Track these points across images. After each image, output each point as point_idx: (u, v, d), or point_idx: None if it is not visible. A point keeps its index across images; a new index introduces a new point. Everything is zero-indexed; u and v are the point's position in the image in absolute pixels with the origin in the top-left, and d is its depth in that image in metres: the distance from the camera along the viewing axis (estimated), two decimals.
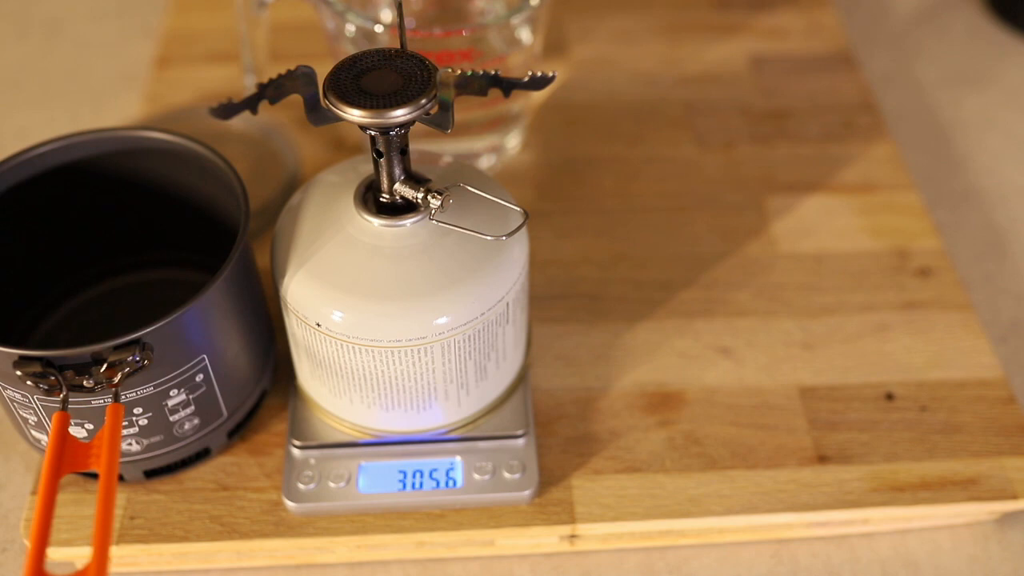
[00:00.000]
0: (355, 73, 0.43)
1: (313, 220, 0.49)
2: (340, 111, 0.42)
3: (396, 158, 0.45)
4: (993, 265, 0.68)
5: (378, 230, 0.47)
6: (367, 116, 0.42)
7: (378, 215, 0.47)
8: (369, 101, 0.42)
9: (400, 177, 0.46)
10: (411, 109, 0.42)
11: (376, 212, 0.47)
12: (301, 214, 0.49)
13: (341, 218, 0.48)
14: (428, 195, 0.45)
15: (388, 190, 0.46)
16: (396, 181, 0.46)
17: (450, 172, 0.50)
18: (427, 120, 0.44)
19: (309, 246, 0.48)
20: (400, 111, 0.42)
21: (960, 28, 0.87)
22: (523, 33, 0.63)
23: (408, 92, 0.42)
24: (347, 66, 0.44)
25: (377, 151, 0.45)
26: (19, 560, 0.54)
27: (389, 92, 0.42)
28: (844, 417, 0.56)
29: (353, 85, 0.43)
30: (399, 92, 0.42)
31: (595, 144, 0.72)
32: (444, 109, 0.43)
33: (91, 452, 0.43)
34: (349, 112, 0.42)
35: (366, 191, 0.48)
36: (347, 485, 0.52)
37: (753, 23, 0.82)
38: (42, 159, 0.53)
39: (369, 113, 0.42)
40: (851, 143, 0.72)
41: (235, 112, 0.43)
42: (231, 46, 0.78)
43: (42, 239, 0.56)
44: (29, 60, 0.84)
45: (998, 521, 0.55)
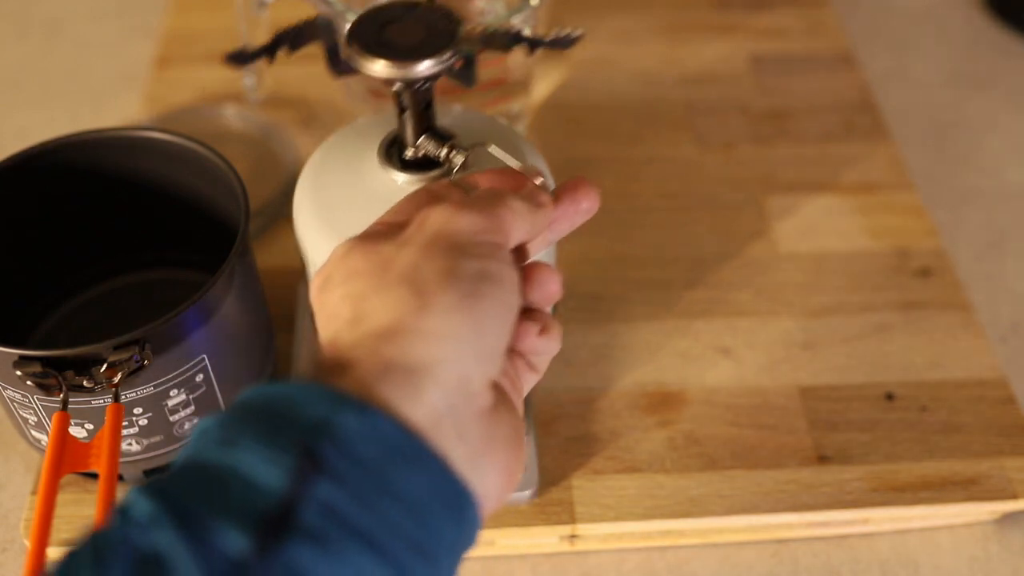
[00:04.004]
0: (379, 24, 0.42)
1: (336, 173, 0.47)
2: (363, 63, 0.41)
3: (420, 113, 0.44)
4: (993, 265, 0.68)
5: (401, 185, 0.46)
6: (390, 69, 0.40)
7: (402, 170, 0.46)
8: (392, 53, 0.40)
9: (423, 132, 0.45)
10: (435, 63, 0.40)
11: (400, 167, 0.46)
12: (324, 167, 0.48)
13: (364, 172, 0.47)
14: (451, 152, 0.44)
15: (412, 145, 0.45)
16: (419, 136, 0.45)
17: (483, 130, 0.48)
18: (451, 75, 0.42)
19: (331, 198, 0.47)
20: (423, 64, 0.40)
21: (960, 28, 0.87)
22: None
23: (432, 45, 0.40)
24: (371, 17, 0.42)
25: (401, 105, 0.44)
26: (19, 560, 0.54)
27: (413, 45, 0.41)
28: (844, 417, 0.56)
29: (376, 36, 0.41)
30: (423, 45, 0.41)
31: (595, 144, 0.72)
32: (468, 64, 0.42)
33: (91, 452, 0.43)
34: (372, 64, 0.40)
35: (390, 145, 0.47)
36: None
37: (753, 23, 0.82)
38: (42, 159, 0.53)
39: (392, 65, 0.40)
40: (851, 143, 0.72)
41: (250, 60, 0.41)
42: (231, 46, 0.78)
43: (42, 239, 0.56)
44: (29, 60, 0.84)
45: (998, 521, 0.55)
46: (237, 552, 0.26)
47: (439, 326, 0.31)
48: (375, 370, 0.30)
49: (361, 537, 0.27)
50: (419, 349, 0.30)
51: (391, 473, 0.28)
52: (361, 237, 0.35)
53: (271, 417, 0.29)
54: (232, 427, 0.29)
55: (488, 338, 0.32)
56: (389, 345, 0.30)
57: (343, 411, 0.28)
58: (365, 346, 0.31)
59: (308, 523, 0.26)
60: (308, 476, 0.27)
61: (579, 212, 0.38)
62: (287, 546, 0.26)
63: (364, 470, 0.28)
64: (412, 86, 0.42)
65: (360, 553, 0.27)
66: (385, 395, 0.29)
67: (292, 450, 0.27)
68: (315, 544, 0.26)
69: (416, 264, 0.32)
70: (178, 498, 0.27)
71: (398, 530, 0.28)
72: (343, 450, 0.28)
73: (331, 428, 0.28)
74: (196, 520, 0.26)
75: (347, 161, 0.48)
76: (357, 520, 0.27)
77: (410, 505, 0.28)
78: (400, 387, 0.30)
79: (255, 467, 0.27)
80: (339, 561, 0.26)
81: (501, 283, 0.32)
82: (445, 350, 0.30)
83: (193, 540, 0.26)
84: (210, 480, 0.27)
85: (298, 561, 0.26)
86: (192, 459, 0.29)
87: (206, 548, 0.26)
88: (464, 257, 0.32)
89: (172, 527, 0.26)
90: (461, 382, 0.31)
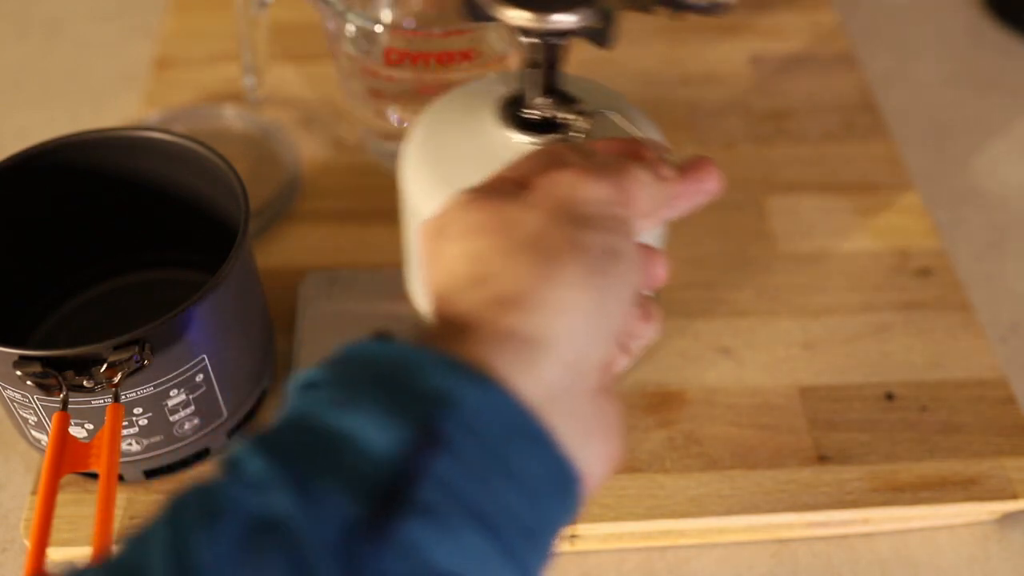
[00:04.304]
0: None
1: (450, 129, 0.47)
2: (503, 11, 0.39)
3: (548, 71, 0.43)
4: (993, 265, 0.68)
5: (516, 145, 0.45)
6: (529, 19, 0.39)
7: (519, 129, 0.45)
8: (534, 3, 0.39)
9: (548, 92, 0.44)
10: (576, 16, 0.39)
11: (518, 126, 0.45)
12: (438, 122, 0.47)
13: (479, 129, 0.46)
14: (574, 116, 0.43)
15: (534, 104, 0.44)
16: (544, 96, 0.44)
17: (598, 99, 0.47)
18: (588, 32, 0.41)
19: (443, 152, 0.46)
20: (565, 16, 0.39)
21: (960, 28, 0.87)
22: None
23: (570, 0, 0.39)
24: None
25: (531, 60, 0.42)
26: (19, 560, 0.54)
27: None
28: (844, 417, 0.56)
29: None
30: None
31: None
32: (606, 22, 0.40)
33: (91, 452, 0.43)
34: (510, 12, 0.39)
35: (508, 105, 0.46)
36: None
37: (753, 23, 0.82)
38: (42, 159, 0.53)
39: (532, 16, 0.39)
40: (851, 143, 0.72)
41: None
42: (231, 46, 0.78)
43: (42, 239, 0.56)
44: (29, 60, 0.84)
45: (998, 521, 0.55)
46: (352, 522, 0.25)
47: (564, 300, 0.29)
48: (494, 338, 0.29)
49: (475, 517, 0.26)
50: (541, 321, 0.29)
51: (508, 452, 0.27)
52: (480, 191, 0.34)
53: (387, 381, 0.28)
54: (345, 387, 0.28)
55: (609, 317, 0.30)
56: (511, 313, 0.29)
57: (464, 383, 0.27)
58: (485, 311, 0.30)
59: (425, 499, 0.26)
60: (426, 450, 0.26)
61: (701, 191, 0.37)
62: (402, 521, 0.25)
63: (482, 447, 0.27)
64: (547, 39, 0.41)
65: (474, 533, 0.26)
66: (503, 366, 0.28)
67: (410, 420, 0.26)
68: (430, 520, 0.25)
69: (543, 230, 0.31)
70: (293, 460, 0.26)
71: (511, 511, 0.27)
72: (462, 425, 0.27)
73: (451, 400, 0.27)
74: (311, 485, 0.25)
75: (462, 118, 0.46)
76: (472, 499, 0.26)
77: (523, 486, 0.27)
78: (518, 359, 0.29)
79: (372, 435, 0.26)
80: (453, 540, 0.26)
81: (626, 261, 0.31)
82: (567, 325, 0.29)
83: (309, 506, 0.25)
84: (325, 443, 0.26)
85: (413, 537, 0.25)
86: (302, 417, 0.28)
87: (322, 516, 0.25)
88: (591, 229, 0.31)
89: (287, 491, 0.25)
90: (578, 360, 0.30)
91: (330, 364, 0.30)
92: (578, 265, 0.30)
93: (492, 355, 0.28)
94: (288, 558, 0.24)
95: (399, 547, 0.25)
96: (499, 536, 0.27)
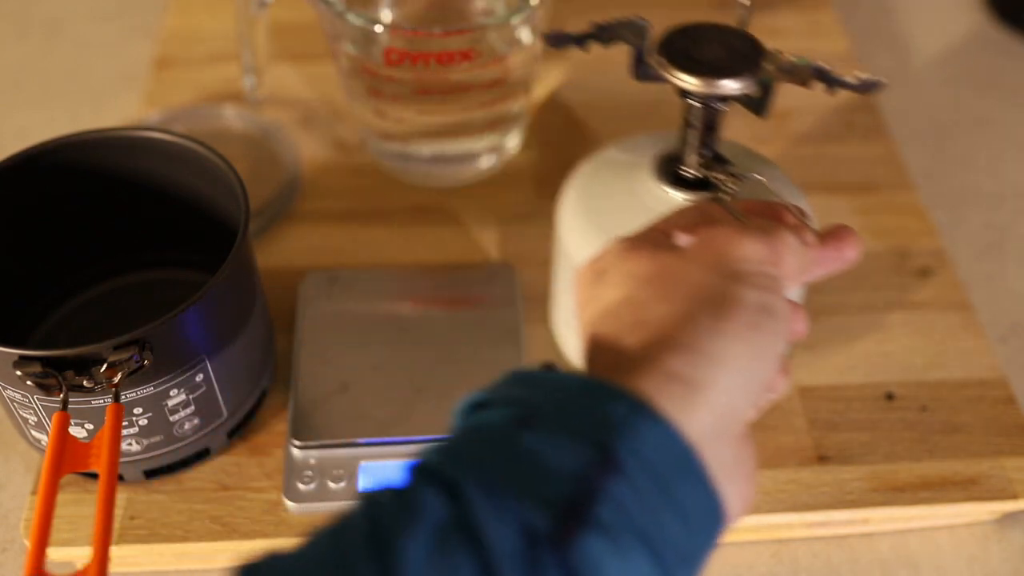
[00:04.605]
0: (686, 41, 0.43)
1: (607, 180, 0.49)
2: (669, 74, 0.42)
3: (706, 133, 0.45)
4: (993, 265, 0.68)
5: (670, 199, 0.47)
6: (695, 83, 0.42)
7: (673, 185, 0.47)
8: (699, 68, 0.42)
9: (705, 153, 0.46)
10: (739, 83, 0.42)
11: (672, 182, 0.47)
12: (596, 173, 0.50)
13: (635, 182, 0.49)
14: (727, 177, 0.45)
15: (690, 163, 0.47)
16: (700, 156, 0.46)
17: (748, 162, 0.50)
18: (747, 100, 0.44)
19: (600, 203, 0.48)
20: (728, 82, 0.42)
21: (960, 28, 0.87)
22: (523, 33, 0.63)
23: (737, 67, 0.42)
24: (680, 32, 0.44)
25: (690, 122, 0.45)
26: (19, 560, 0.54)
27: (718, 63, 0.42)
28: (844, 417, 0.56)
29: (683, 52, 0.43)
30: (728, 65, 0.42)
31: (595, 144, 0.72)
32: (764, 92, 0.43)
33: (91, 452, 0.43)
34: (677, 76, 0.42)
35: (665, 162, 0.48)
36: (347, 485, 0.52)
37: (753, 23, 0.82)
38: (42, 159, 0.53)
39: (698, 80, 0.42)
40: (851, 143, 0.72)
41: (566, 42, 0.43)
42: (231, 46, 0.78)
43: (42, 239, 0.56)
44: (29, 60, 0.84)
45: (998, 521, 0.55)
46: (536, 532, 0.27)
47: (723, 351, 0.31)
48: (658, 378, 0.31)
49: (643, 539, 0.28)
50: (702, 368, 0.31)
51: (672, 483, 0.29)
52: (637, 240, 0.36)
53: (569, 406, 0.30)
54: (526, 409, 0.30)
55: (760, 371, 0.32)
56: (674, 357, 0.31)
57: (637, 415, 0.30)
58: (647, 352, 0.32)
59: (603, 518, 0.28)
60: (604, 472, 0.28)
61: (841, 259, 0.39)
62: (582, 535, 0.27)
63: (651, 476, 0.29)
64: (709, 103, 0.44)
65: (641, 556, 0.28)
66: (666, 405, 0.30)
67: (590, 444, 0.29)
68: (607, 539, 0.27)
69: (704, 283, 0.33)
70: (482, 471, 0.28)
71: (672, 538, 0.29)
72: (635, 453, 0.29)
73: (627, 430, 0.29)
74: (499, 495, 0.28)
75: (619, 170, 0.50)
76: (642, 523, 0.28)
77: (683, 516, 0.29)
78: (680, 400, 0.31)
79: (556, 453, 0.28)
80: (624, 560, 0.28)
81: (778, 317, 0.33)
82: (723, 375, 0.31)
83: (497, 514, 0.27)
84: (512, 458, 0.29)
85: (592, 552, 0.27)
86: (486, 432, 0.30)
87: (508, 524, 0.27)
88: (748, 285, 0.33)
89: (478, 499, 0.27)
90: (729, 408, 0.32)
91: (504, 387, 0.33)
92: (737, 320, 0.32)
93: (656, 393, 0.31)
94: (476, 560, 0.27)
95: (578, 559, 0.27)
96: (661, 560, 0.29)
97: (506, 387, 0.32)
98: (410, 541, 0.27)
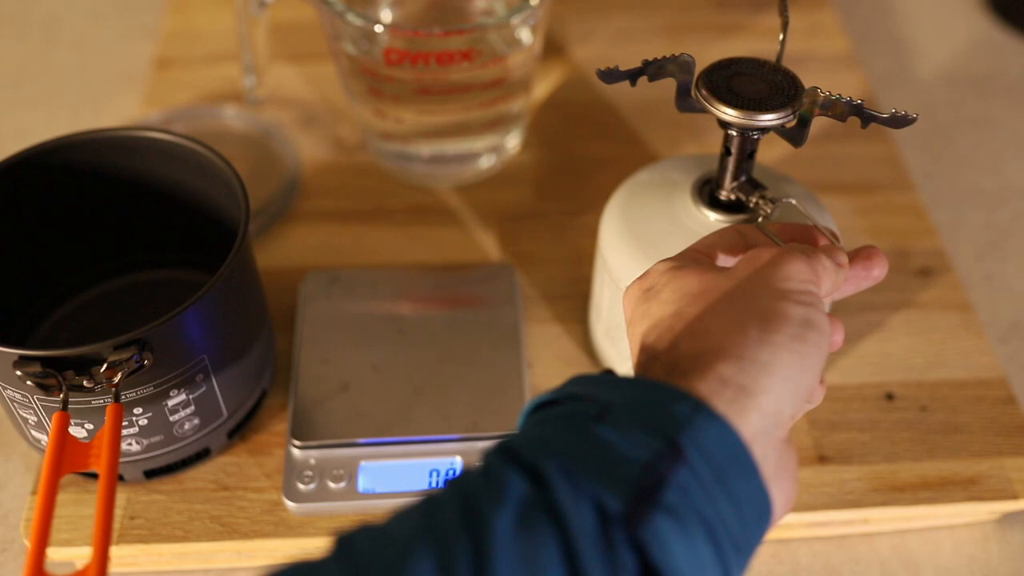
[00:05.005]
0: (728, 75, 0.46)
1: (647, 202, 0.52)
2: (712, 106, 0.45)
3: (743, 160, 0.48)
4: (993, 265, 0.68)
5: (711, 223, 0.50)
6: (736, 115, 0.44)
7: (711, 208, 0.50)
8: (740, 102, 0.45)
9: (741, 178, 0.49)
10: (777, 116, 0.45)
11: (709, 205, 0.50)
12: (636, 194, 0.53)
13: (675, 204, 0.51)
14: (761, 200, 0.48)
15: (727, 188, 0.49)
16: (736, 181, 0.49)
17: (784, 186, 0.52)
18: (782, 131, 0.46)
19: (641, 224, 0.52)
20: (767, 116, 0.44)
21: (960, 28, 0.87)
22: (523, 33, 0.63)
23: (775, 101, 0.45)
24: (722, 67, 0.47)
25: (728, 149, 0.48)
26: (19, 560, 0.54)
27: (757, 97, 0.45)
28: (844, 417, 0.56)
29: (725, 85, 0.46)
30: (767, 99, 0.45)
31: (595, 144, 0.72)
32: (802, 125, 0.46)
33: (91, 452, 0.43)
34: (720, 108, 0.45)
35: (702, 185, 0.51)
36: (347, 485, 0.52)
37: (753, 23, 0.82)
38: (42, 159, 0.53)
39: (739, 113, 0.44)
40: (851, 143, 0.72)
41: (618, 79, 0.46)
42: (231, 46, 0.78)
43: (42, 239, 0.56)
44: (29, 60, 0.84)
45: (998, 521, 0.55)
46: (611, 512, 0.30)
47: (771, 360, 0.34)
48: (711, 384, 0.34)
49: (704, 525, 0.31)
50: (751, 376, 0.34)
51: (728, 475, 0.32)
52: (683, 261, 0.40)
53: (638, 404, 0.33)
54: (600, 405, 0.34)
55: (804, 378, 0.35)
56: (725, 365, 0.34)
57: (699, 414, 0.33)
58: (703, 360, 0.35)
59: (670, 501, 0.31)
60: (671, 462, 0.31)
61: (868, 278, 0.42)
62: (653, 516, 0.30)
63: (711, 468, 0.32)
64: (746, 134, 0.46)
65: (703, 541, 0.31)
66: (719, 406, 0.33)
67: (659, 436, 0.32)
68: (674, 520, 0.31)
69: (751, 299, 0.36)
70: (561, 457, 0.31)
71: (728, 526, 0.32)
72: (699, 447, 0.32)
73: (690, 426, 0.32)
74: (578, 479, 0.31)
75: (659, 192, 0.52)
76: (703, 509, 0.31)
77: (738, 507, 0.32)
78: (731, 404, 0.34)
79: (628, 444, 0.32)
80: (688, 541, 0.31)
81: (819, 330, 0.36)
82: (771, 382, 0.34)
83: (576, 495, 0.30)
84: (588, 447, 0.32)
85: (661, 531, 0.30)
86: (564, 423, 0.34)
87: (586, 504, 0.30)
88: (792, 302, 0.36)
89: (558, 482, 0.31)
90: (776, 412, 0.34)
91: (570, 387, 0.36)
92: (785, 332, 0.35)
93: (711, 396, 0.34)
94: (558, 535, 0.30)
95: (648, 537, 0.30)
96: (719, 545, 0.32)
97: (572, 388, 0.36)
98: (498, 517, 0.30)
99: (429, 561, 0.29)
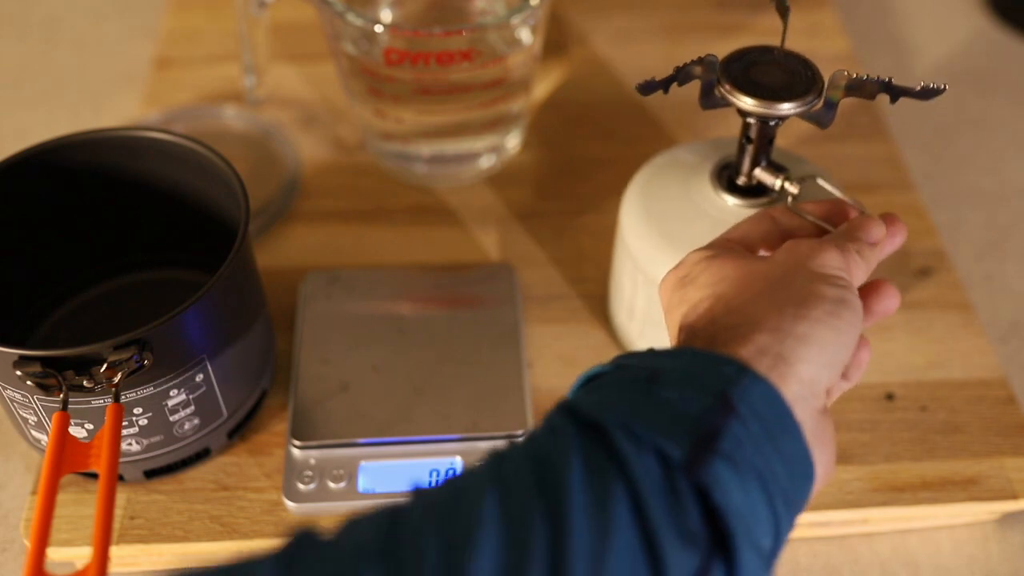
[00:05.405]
0: (744, 65, 0.47)
1: (666, 189, 0.53)
2: (734, 98, 0.46)
3: (764, 146, 0.49)
4: (993, 265, 0.68)
5: (731, 208, 0.51)
6: (758, 106, 0.45)
7: (731, 193, 0.51)
8: (763, 92, 0.45)
9: (762, 163, 0.49)
10: (798, 104, 0.45)
11: (730, 191, 0.51)
12: (653, 181, 0.54)
13: (694, 191, 0.52)
14: (785, 183, 0.48)
15: (747, 174, 0.50)
16: (758, 166, 0.49)
17: (802, 167, 0.53)
18: (808, 115, 0.47)
19: (662, 211, 0.52)
20: (788, 105, 0.45)
21: (960, 28, 0.87)
22: (523, 33, 0.63)
23: (795, 88, 0.46)
24: (736, 58, 0.47)
25: (748, 137, 0.48)
26: (19, 560, 0.54)
27: (777, 86, 0.46)
28: (844, 417, 0.56)
29: (744, 76, 0.46)
30: (787, 87, 0.46)
31: (595, 144, 0.72)
32: (828, 107, 0.46)
33: (91, 452, 0.43)
34: (742, 100, 0.46)
35: (721, 171, 0.52)
36: (347, 485, 0.52)
37: (753, 23, 0.82)
38: (42, 159, 0.53)
39: (760, 103, 0.45)
40: (851, 143, 0.72)
41: (655, 89, 0.47)
42: (231, 46, 0.78)
43: (42, 239, 0.56)
44: (29, 60, 0.84)
45: (998, 521, 0.55)
46: (674, 460, 0.32)
47: (808, 333, 0.37)
48: (751, 352, 0.36)
49: (757, 475, 0.33)
50: (789, 347, 0.36)
51: (775, 432, 0.34)
52: (719, 249, 0.42)
53: (688, 367, 0.36)
54: (652, 370, 0.36)
55: (839, 350, 0.38)
56: (765, 336, 0.37)
57: (745, 375, 0.35)
58: (741, 332, 0.37)
59: (726, 449, 0.33)
60: (724, 415, 0.34)
61: (893, 245, 0.45)
62: (712, 462, 0.32)
63: (760, 422, 0.34)
64: (766, 122, 0.47)
65: (756, 488, 0.33)
66: (759, 371, 0.35)
67: (711, 393, 0.34)
68: (731, 466, 0.33)
69: (788, 282, 0.39)
70: (625, 414, 0.34)
71: (777, 478, 0.34)
72: (747, 401, 0.34)
73: (740, 383, 0.35)
74: (641, 433, 0.33)
75: (677, 179, 0.53)
76: (755, 460, 0.33)
77: (785, 461, 0.34)
78: (770, 370, 0.36)
79: (683, 401, 0.34)
80: (743, 485, 0.33)
81: (854, 309, 0.38)
82: (808, 353, 0.36)
83: (640, 448, 0.33)
84: (649, 405, 0.34)
85: (719, 474, 0.32)
86: (620, 385, 0.36)
87: (649, 455, 0.32)
88: (827, 284, 0.38)
89: (622, 435, 0.33)
90: (813, 381, 0.37)
91: (618, 360, 0.38)
92: (821, 307, 0.37)
93: (751, 360, 0.36)
94: (624, 483, 0.32)
95: (710, 481, 0.32)
96: (771, 496, 0.34)
97: (621, 360, 0.38)
98: (569, 469, 0.32)
99: (494, 508, 0.31)
